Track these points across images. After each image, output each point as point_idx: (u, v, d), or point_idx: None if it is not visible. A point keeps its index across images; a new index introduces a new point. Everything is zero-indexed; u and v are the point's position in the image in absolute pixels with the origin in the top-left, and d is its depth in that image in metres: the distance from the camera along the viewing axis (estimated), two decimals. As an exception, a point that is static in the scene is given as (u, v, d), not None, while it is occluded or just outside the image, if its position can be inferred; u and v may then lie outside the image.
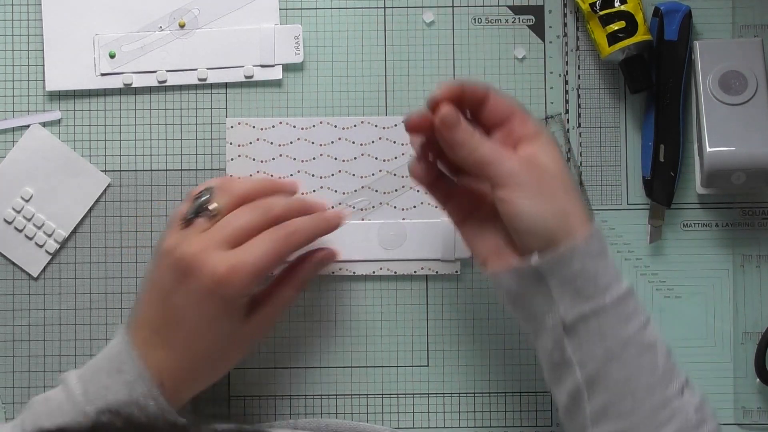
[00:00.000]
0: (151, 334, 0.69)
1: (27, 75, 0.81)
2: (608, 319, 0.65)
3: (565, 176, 0.67)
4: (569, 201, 0.66)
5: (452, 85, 0.68)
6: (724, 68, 0.78)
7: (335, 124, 0.80)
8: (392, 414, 0.81)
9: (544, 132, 0.69)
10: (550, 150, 0.68)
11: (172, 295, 0.68)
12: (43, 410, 0.68)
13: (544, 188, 0.66)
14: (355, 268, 0.80)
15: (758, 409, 0.80)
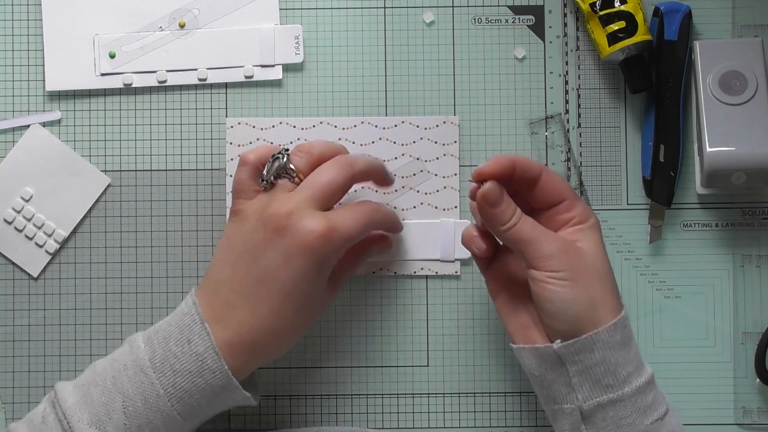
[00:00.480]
0: (235, 295, 0.68)
1: (27, 75, 0.81)
2: (626, 411, 0.66)
3: (603, 264, 0.68)
4: (602, 290, 0.67)
5: (503, 162, 0.68)
6: (724, 68, 0.78)
7: (335, 124, 0.79)
8: (392, 414, 0.81)
9: (592, 218, 0.70)
10: (593, 237, 0.69)
11: (263, 253, 0.67)
12: (110, 371, 0.68)
13: (579, 276, 0.66)
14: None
15: (758, 409, 0.80)
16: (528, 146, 0.81)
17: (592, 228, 0.69)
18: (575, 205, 0.69)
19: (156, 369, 0.66)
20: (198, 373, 0.66)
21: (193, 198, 0.81)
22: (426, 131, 0.80)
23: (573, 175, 0.81)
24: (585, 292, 0.66)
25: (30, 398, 0.80)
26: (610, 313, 0.66)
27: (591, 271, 0.67)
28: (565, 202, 0.69)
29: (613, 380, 0.66)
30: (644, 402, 0.66)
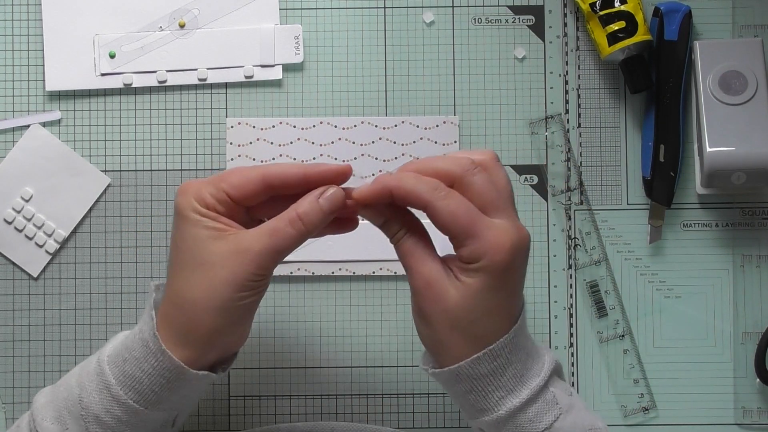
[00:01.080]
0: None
1: (27, 75, 0.81)
2: (508, 427, 0.65)
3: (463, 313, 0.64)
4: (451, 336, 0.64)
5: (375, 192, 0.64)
6: (724, 68, 0.78)
7: (335, 124, 0.80)
8: (392, 414, 0.81)
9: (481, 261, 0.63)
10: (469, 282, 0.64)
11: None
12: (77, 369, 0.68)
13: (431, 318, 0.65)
14: (355, 268, 0.80)
15: (758, 409, 0.80)
16: (528, 146, 0.81)
17: (478, 271, 0.63)
18: (466, 244, 0.63)
19: (110, 361, 0.67)
20: (144, 358, 0.66)
21: (193, 198, 0.81)
22: (426, 131, 0.80)
23: (573, 175, 0.81)
24: (432, 336, 0.66)
25: (30, 398, 0.80)
26: (462, 354, 0.64)
27: (444, 319, 0.64)
28: (456, 239, 0.63)
29: (485, 404, 0.65)
30: (523, 419, 0.65)
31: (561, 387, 0.67)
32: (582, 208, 0.81)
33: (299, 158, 0.79)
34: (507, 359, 0.65)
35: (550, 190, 0.81)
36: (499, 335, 0.64)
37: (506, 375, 0.65)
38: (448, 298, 0.64)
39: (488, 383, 0.65)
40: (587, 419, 0.67)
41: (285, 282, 0.81)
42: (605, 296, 0.81)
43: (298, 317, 0.81)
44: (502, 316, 0.65)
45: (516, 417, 0.65)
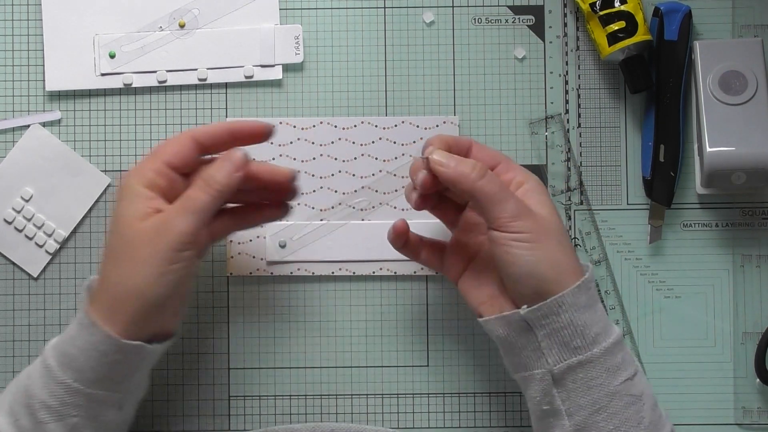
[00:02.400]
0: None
1: (27, 75, 0.81)
2: (596, 371, 0.66)
3: (558, 226, 0.68)
4: (562, 252, 0.67)
5: (440, 139, 0.70)
6: (724, 68, 0.78)
7: (335, 124, 0.79)
8: (392, 414, 0.81)
9: (531, 179, 0.70)
10: (541, 198, 0.69)
11: None
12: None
13: (541, 238, 0.67)
14: (355, 268, 0.80)
15: (758, 409, 0.80)
16: (528, 146, 0.81)
17: (535, 189, 0.70)
18: (511, 167, 0.71)
19: (52, 347, 0.69)
20: (78, 335, 0.67)
21: (193, 198, 0.81)
22: (426, 131, 0.80)
23: (573, 175, 0.81)
24: (548, 254, 0.67)
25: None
26: (573, 274, 0.67)
27: (550, 233, 0.67)
28: (501, 164, 0.71)
29: (581, 342, 0.66)
30: (613, 362, 0.66)
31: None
32: (582, 208, 0.81)
33: (299, 158, 0.79)
34: (595, 294, 0.68)
35: (550, 190, 0.81)
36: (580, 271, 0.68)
37: (598, 311, 0.67)
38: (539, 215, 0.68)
39: (586, 317, 0.66)
40: (652, 389, 0.69)
41: (285, 282, 0.81)
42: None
43: (298, 317, 0.81)
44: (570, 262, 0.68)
45: (605, 359, 0.66)
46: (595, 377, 0.66)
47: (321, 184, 0.79)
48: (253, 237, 0.79)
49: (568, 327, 0.66)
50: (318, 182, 0.79)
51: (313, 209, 0.79)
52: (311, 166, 0.79)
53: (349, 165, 0.79)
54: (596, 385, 0.66)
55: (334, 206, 0.79)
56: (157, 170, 0.68)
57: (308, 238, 0.79)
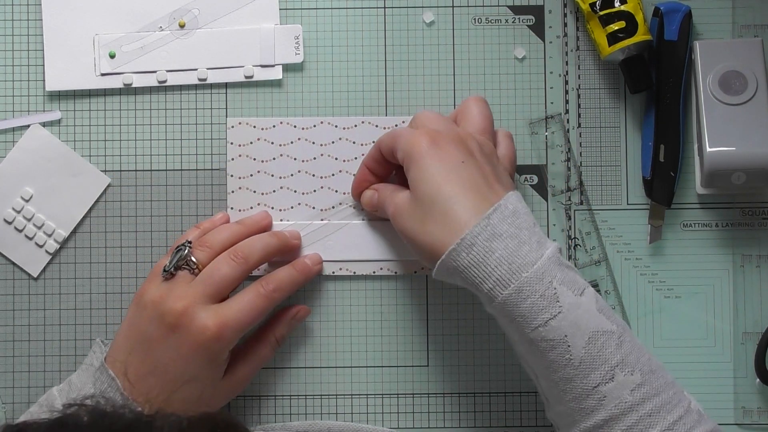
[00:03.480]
0: (133, 378, 0.71)
1: (27, 75, 0.81)
2: (505, 321, 0.67)
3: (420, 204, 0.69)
4: (427, 231, 0.68)
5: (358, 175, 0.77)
6: (724, 68, 0.78)
7: (335, 124, 0.79)
8: (392, 414, 0.81)
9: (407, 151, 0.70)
10: (412, 173, 0.70)
11: (158, 346, 0.71)
12: None
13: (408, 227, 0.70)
14: (355, 267, 0.79)
15: (758, 409, 0.80)
16: (528, 146, 0.81)
17: (406, 164, 0.70)
18: (396, 150, 0.72)
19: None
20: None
21: (193, 198, 0.81)
22: None
23: (573, 175, 0.81)
24: (415, 243, 0.70)
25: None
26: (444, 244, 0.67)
27: (411, 221, 0.70)
28: (394, 153, 0.72)
29: (480, 296, 0.68)
30: (517, 312, 0.66)
31: (570, 284, 0.67)
32: (582, 208, 0.81)
33: (299, 158, 0.79)
34: (486, 246, 0.66)
35: (550, 190, 0.81)
36: (473, 221, 0.67)
37: (489, 264, 0.66)
38: (405, 202, 0.70)
39: (475, 274, 0.67)
40: (595, 321, 0.66)
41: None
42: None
43: (298, 317, 0.81)
44: (465, 197, 0.67)
45: (510, 310, 0.66)
46: (506, 324, 0.68)
47: (321, 184, 0.79)
48: None
49: (465, 283, 0.68)
50: (318, 182, 0.79)
51: (314, 209, 0.79)
52: (311, 166, 0.79)
53: (349, 165, 0.79)
54: (512, 330, 0.67)
55: (334, 206, 0.79)
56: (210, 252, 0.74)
57: (309, 238, 0.79)
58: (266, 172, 0.79)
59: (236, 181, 0.78)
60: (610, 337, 0.66)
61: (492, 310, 0.68)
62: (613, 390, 0.66)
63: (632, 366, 0.66)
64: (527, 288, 0.66)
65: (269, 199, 0.79)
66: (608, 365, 0.66)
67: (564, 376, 0.66)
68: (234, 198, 0.79)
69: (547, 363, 0.66)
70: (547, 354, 0.66)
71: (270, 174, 0.79)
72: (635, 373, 0.66)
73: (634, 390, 0.66)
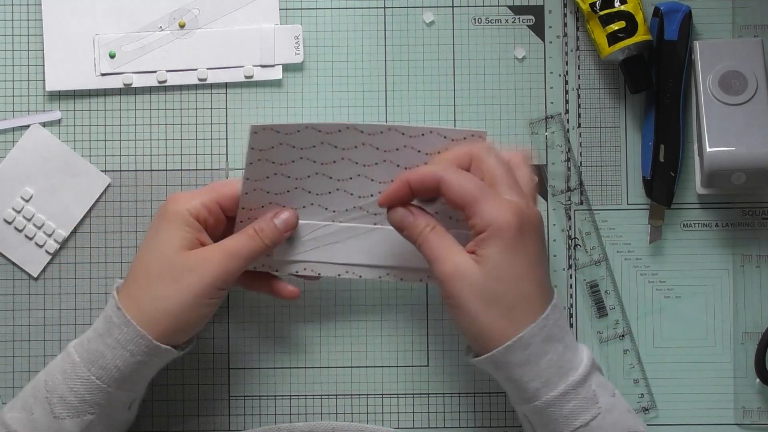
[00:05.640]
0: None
1: (27, 75, 0.81)
2: (543, 420, 0.68)
3: (493, 284, 0.67)
4: (489, 316, 0.67)
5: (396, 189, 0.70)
6: (724, 68, 0.78)
7: (361, 130, 0.74)
8: (392, 414, 0.81)
9: (492, 225, 0.67)
10: (489, 250, 0.67)
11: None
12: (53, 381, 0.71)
13: (463, 303, 0.67)
14: (361, 272, 0.77)
15: (758, 409, 0.80)
16: (528, 146, 0.81)
17: (490, 238, 0.67)
18: (475, 212, 0.67)
19: (75, 345, 0.71)
20: (107, 332, 0.69)
21: (193, 198, 0.81)
22: (453, 143, 0.74)
23: (573, 175, 0.81)
24: (469, 319, 0.67)
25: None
26: (501, 336, 0.67)
27: (476, 296, 0.67)
28: (466, 209, 0.68)
29: (521, 395, 0.68)
30: (560, 413, 0.67)
31: (604, 386, 0.69)
32: (582, 208, 0.81)
33: (319, 161, 0.75)
34: (540, 348, 0.67)
35: (550, 190, 0.81)
36: (532, 319, 0.67)
37: (541, 365, 0.67)
38: (474, 272, 0.67)
39: (524, 372, 0.67)
40: (628, 422, 0.68)
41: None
42: (605, 296, 0.81)
43: (298, 317, 0.81)
44: (534, 297, 0.67)
45: (552, 410, 0.67)
46: (546, 424, 0.68)
47: (338, 186, 0.75)
48: None
49: (508, 381, 0.68)
50: (335, 184, 0.75)
51: (327, 210, 0.76)
52: (329, 169, 0.75)
53: (369, 170, 0.75)
54: (550, 430, 0.68)
55: (348, 209, 0.76)
56: (209, 205, 0.72)
57: (319, 240, 0.77)
58: (283, 174, 0.75)
59: (252, 183, 0.75)
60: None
61: (528, 408, 0.68)
62: None
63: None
64: (572, 391, 0.67)
65: (282, 198, 0.75)
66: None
67: None
68: (246, 198, 0.75)
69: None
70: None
71: (287, 176, 0.75)
72: None
73: None
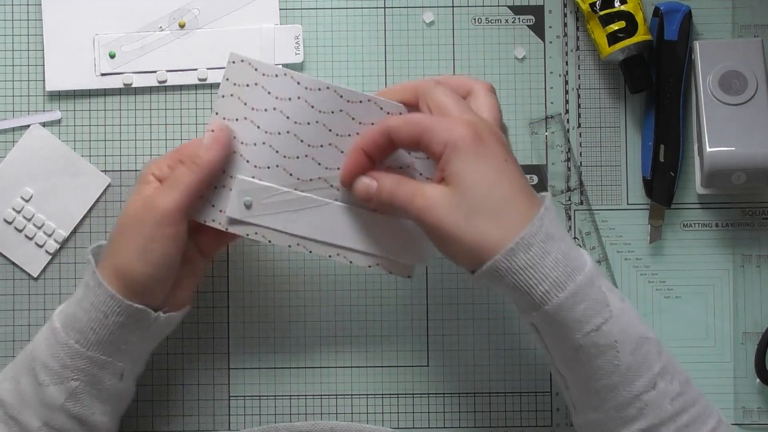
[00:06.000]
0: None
1: (27, 75, 0.81)
2: (554, 327, 0.65)
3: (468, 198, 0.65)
4: (476, 227, 0.65)
5: (353, 160, 0.70)
6: (724, 68, 0.78)
7: (341, 95, 0.72)
8: (392, 414, 0.81)
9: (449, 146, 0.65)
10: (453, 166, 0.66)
11: None
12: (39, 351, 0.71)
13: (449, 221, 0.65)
14: (312, 247, 0.73)
15: (758, 409, 0.80)
16: (528, 146, 0.81)
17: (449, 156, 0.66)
18: (429, 140, 0.66)
19: (57, 312, 0.72)
20: (84, 296, 0.70)
21: (193, 198, 0.81)
22: None
23: (573, 175, 0.81)
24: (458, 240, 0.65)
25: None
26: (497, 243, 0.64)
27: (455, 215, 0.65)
28: (421, 144, 0.67)
29: (530, 301, 0.65)
30: (572, 316, 0.64)
31: (612, 290, 0.66)
32: (582, 208, 0.81)
33: (292, 118, 0.72)
34: (543, 248, 0.64)
35: (550, 190, 0.81)
36: (525, 223, 0.64)
37: (546, 265, 0.64)
38: (445, 194, 0.65)
39: (530, 276, 0.64)
40: (639, 328, 0.66)
41: (285, 282, 0.80)
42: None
43: (298, 317, 0.81)
44: (516, 198, 0.65)
45: (564, 314, 0.64)
46: (556, 331, 0.65)
47: (307, 152, 0.72)
48: (219, 185, 0.72)
49: (513, 290, 0.65)
50: (305, 149, 0.72)
51: (291, 176, 0.73)
52: (302, 130, 0.72)
53: (342, 141, 0.72)
54: (560, 338, 0.65)
55: (312, 179, 0.73)
56: (172, 164, 0.71)
57: (279, 206, 0.73)
58: (253, 121, 0.72)
59: (220, 122, 0.72)
60: (653, 344, 0.65)
61: (538, 316, 0.65)
62: (655, 399, 0.64)
63: (671, 375, 0.65)
64: (582, 292, 0.64)
65: (247, 150, 0.72)
66: (652, 373, 0.65)
67: (608, 384, 0.65)
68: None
69: (592, 370, 0.65)
70: (594, 360, 0.64)
71: (257, 125, 0.72)
72: (674, 382, 0.65)
73: (674, 399, 0.65)
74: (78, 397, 0.69)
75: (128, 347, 0.70)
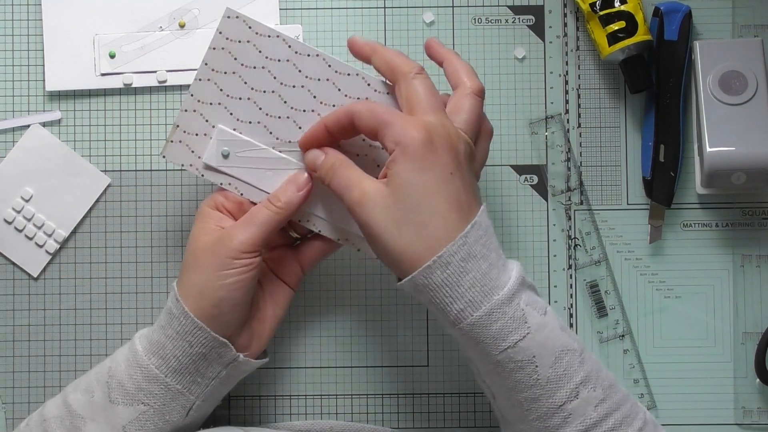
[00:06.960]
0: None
1: (27, 75, 0.81)
2: (471, 343, 0.65)
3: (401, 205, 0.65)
4: (402, 236, 0.65)
5: (314, 130, 0.71)
6: (724, 68, 0.78)
7: (330, 64, 0.74)
8: (392, 414, 0.81)
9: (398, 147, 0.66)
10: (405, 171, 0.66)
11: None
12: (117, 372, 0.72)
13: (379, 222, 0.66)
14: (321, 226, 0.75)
15: (758, 409, 0.80)
16: (528, 146, 0.81)
17: (396, 156, 0.66)
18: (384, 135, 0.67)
19: (140, 336, 0.72)
20: (168, 324, 0.70)
21: (193, 198, 0.81)
22: None
23: (573, 175, 0.81)
24: (383, 244, 0.65)
25: (30, 398, 0.80)
26: (419, 257, 0.65)
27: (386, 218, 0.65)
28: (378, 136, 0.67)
29: (445, 318, 0.65)
30: (486, 334, 0.64)
31: (534, 304, 0.66)
32: (582, 208, 0.81)
33: (280, 79, 0.73)
34: (461, 267, 0.64)
35: (550, 190, 0.81)
36: (449, 239, 0.64)
37: (463, 285, 0.64)
38: (382, 194, 0.66)
39: (445, 294, 0.65)
40: (560, 340, 0.66)
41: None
42: (605, 296, 0.81)
43: (298, 317, 0.81)
44: (448, 213, 0.65)
45: (478, 332, 0.65)
46: (473, 346, 0.65)
47: (289, 114, 0.74)
48: (200, 132, 0.74)
49: (431, 305, 0.66)
50: (287, 111, 0.74)
51: (271, 134, 0.74)
52: (288, 92, 0.74)
53: (324, 109, 0.73)
54: (478, 351, 0.65)
55: (291, 141, 0.74)
56: (225, 194, 0.73)
57: (256, 161, 0.74)
58: (241, 76, 0.74)
59: (208, 72, 0.74)
60: (574, 354, 0.66)
61: (455, 332, 0.66)
62: (578, 407, 0.65)
63: (594, 382, 0.66)
64: (499, 310, 0.65)
65: (231, 103, 0.74)
66: (573, 383, 0.65)
67: (529, 396, 0.65)
68: (199, 86, 0.74)
69: (512, 384, 0.65)
70: (513, 375, 0.65)
71: (244, 81, 0.73)
72: (597, 389, 0.66)
73: (598, 405, 0.65)
74: (141, 423, 0.70)
75: (203, 381, 0.71)
